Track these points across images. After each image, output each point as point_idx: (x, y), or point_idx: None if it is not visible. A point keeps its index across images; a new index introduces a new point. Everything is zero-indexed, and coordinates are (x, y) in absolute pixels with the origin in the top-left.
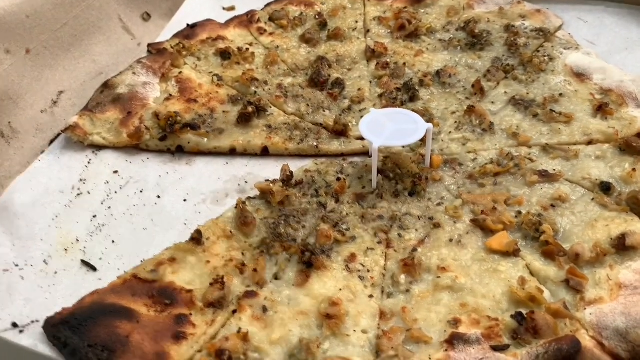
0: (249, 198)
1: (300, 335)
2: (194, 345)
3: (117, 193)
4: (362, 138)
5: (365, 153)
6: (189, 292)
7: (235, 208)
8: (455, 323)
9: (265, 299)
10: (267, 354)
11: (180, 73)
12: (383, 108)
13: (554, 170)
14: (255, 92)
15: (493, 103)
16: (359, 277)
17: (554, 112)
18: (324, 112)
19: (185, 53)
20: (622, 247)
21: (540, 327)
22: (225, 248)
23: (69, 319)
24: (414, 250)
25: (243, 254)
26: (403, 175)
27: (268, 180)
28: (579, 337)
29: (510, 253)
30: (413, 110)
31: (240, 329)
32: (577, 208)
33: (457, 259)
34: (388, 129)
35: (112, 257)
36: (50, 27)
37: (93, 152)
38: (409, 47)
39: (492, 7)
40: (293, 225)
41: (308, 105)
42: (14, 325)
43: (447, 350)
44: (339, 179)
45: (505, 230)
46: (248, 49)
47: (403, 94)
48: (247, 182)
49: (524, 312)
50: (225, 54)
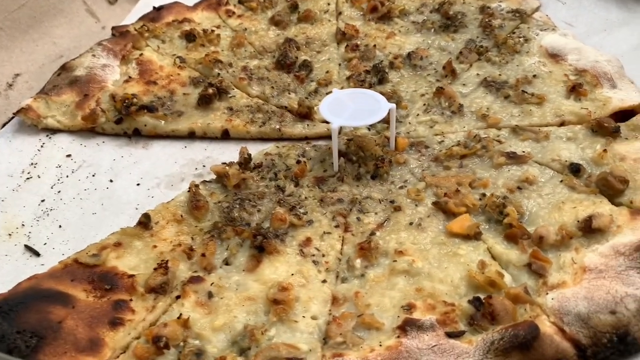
0: (204, 182)
1: (246, 322)
2: (131, 332)
3: (68, 177)
4: (327, 121)
5: (330, 136)
6: (131, 277)
7: (188, 191)
8: (410, 308)
9: (212, 285)
10: (208, 341)
11: (141, 55)
12: None
13: (523, 152)
14: (219, 74)
15: (464, 85)
16: (313, 261)
17: (526, 93)
18: (290, 94)
19: (148, 35)
20: (588, 229)
21: (498, 312)
22: (175, 232)
23: (1, 305)
24: (372, 234)
25: (193, 239)
26: (366, 158)
27: (224, 163)
28: (539, 322)
29: (472, 236)
30: (381, 93)
31: (181, 315)
32: (544, 190)
33: (416, 243)
34: (349, 109)
35: (57, 242)
36: (7, 7)
37: (47, 135)
38: (381, 29)
39: None
40: (248, 209)
41: (273, 88)
42: None
43: (399, 337)
44: (299, 162)
45: (468, 213)
46: (213, 31)
47: (372, 77)
48: (205, 166)
49: (483, 297)
50: (190, 36)
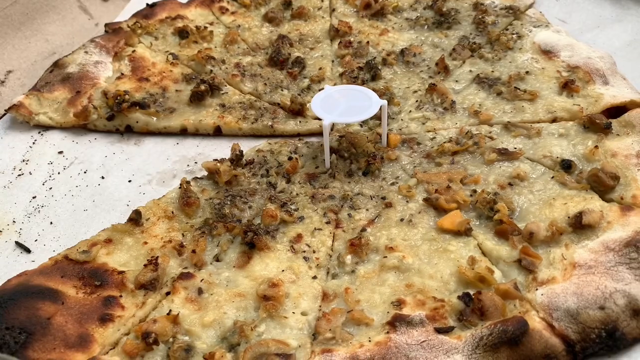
0: (196, 178)
1: (236, 318)
2: (121, 328)
3: (59, 174)
4: (319, 118)
5: (322, 133)
6: (121, 273)
7: (179, 188)
8: (399, 304)
9: (202, 281)
10: (198, 337)
11: (134, 52)
12: None
13: (515, 149)
14: (212, 70)
15: (457, 81)
16: (304, 257)
17: (519, 89)
18: (282, 91)
19: (141, 32)
20: (579, 225)
21: (487, 308)
22: (165, 229)
23: None
24: (363, 230)
25: (183, 235)
26: (358, 155)
27: (216, 160)
28: (528, 318)
29: (462, 232)
30: (374, 90)
31: (171, 311)
32: (535, 186)
33: (406, 239)
34: (341, 106)
35: (48, 239)
36: None
37: (39, 132)
38: (375, 25)
39: None
40: (239, 206)
41: (266, 85)
42: None
43: (388, 332)
44: (291, 159)
45: (459, 210)
46: (206, 28)
47: (365, 73)
48: (196, 162)
49: (472, 293)
50: (183, 33)
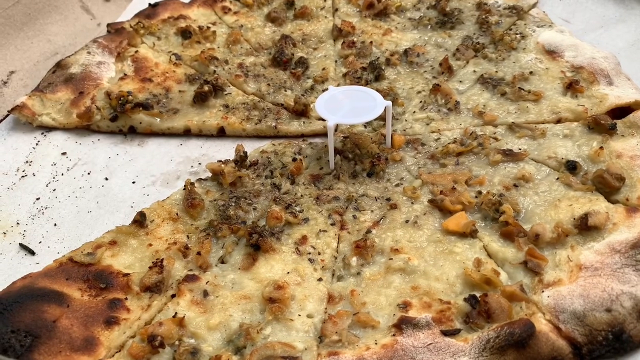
0: (200, 179)
1: (242, 320)
2: (127, 331)
3: (63, 175)
4: (323, 119)
5: (326, 134)
6: (126, 275)
7: (184, 189)
8: (405, 306)
9: (207, 283)
10: (204, 340)
11: (137, 52)
12: None
13: (519, 149)
14: (215, 71)
15: (461, 82)
16: (309, 259)
17: (523, 90)
18: (286, 91)
19: (144, 32)
20: (584, 227)
21: (494, 310)
22: (170, 231)
23: None
24: (368, 232)
25: (188, 237)
26: (362, 156)
27: (220, 161)
28: (535, 320)
29: (468, 234)
30: (377, 90)
31: (176, 314)
32: (540, 188)
33: (411, 241)
34: (345, 107)
35: (52, 240)
36: (1, 4)
37: (42, 133)
38: (378, 25)
39: None
40: (244, 207)
41: (269, 85)
42: None
43: (394, 335)
44: (295, 160)
45: (464, 211)
46: (209, 28)
47: (368, 73)
48: (200, 163)
49: (478, 295)
50: (186, 33)
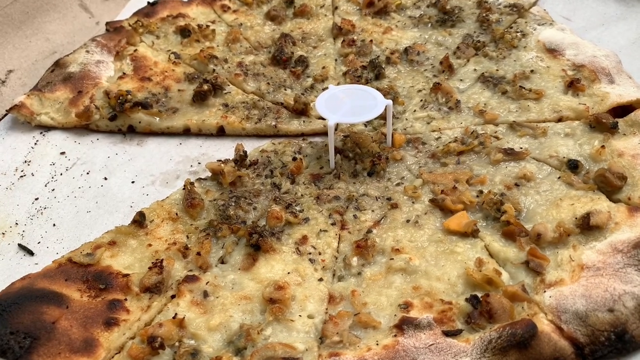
0: (199, 179)
1: (242, 321)
2: (126, 332)
3: (62, 175)
4: (323, 117)
5: (326, 133)
6: (126, 276)
7: (183, 189)
8: (407, 307)
9: (207, 284)
10: (204, 341)
11: (136, 51)
12: None
13: (521, 148)
14: (214, 70)
15: (462, 80)
16: (310, 259)
17: (524, 88)
18: (286, 90)
19: (142, 30)
20: (586, 226)
21: (495, 310)
22: (170, 231)
23: None
24: (369, 232)
25: (188, 237)
26: (363, 155)
27: (220, 161)
28: (537, 321)
29: (469, 234)
30: (378, 89)
31: (176, 315)
32: (542, 187)
33: (412, 240)
34: (346, 106)
35: (51, 241)
36: None
37: (41, 132)
38: (378, 24)
39: None
40: (244, 207)
41: (269, 84)
42: None
43: (396, 336)
44: (295, 159)
45: (465, 210)
46: (208, 27)
47: (368, 72)
48: (200, 163)
49: (480, 295)
50: (185, 32)
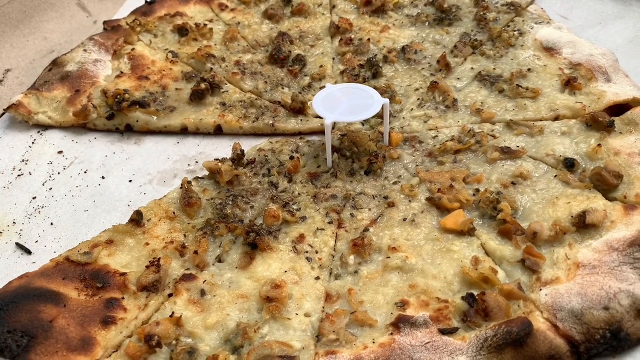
0: (197, 178)
1: (239, 320)
2: (124, 330)
3: (59, 174)
4: (320, 116)
5: (324, 131)
6: (123, 275)
7: (181, 188)
8: (403, 305)
9: (204, 282)
10: (201, 339)
11: (133, 50)
12: None
13: (517, 147)
14: (212, 68)
15: (459, 79)
16: (306, 258)
17: (521, 87)
18: (283, 89)
19: (140, 29)
20: (582, 224)
21: (491, 308)
22: (167, 230)
23: None
24: (366, 230)
25: (185, 236)
26: (360, 154)
27: (217, 159)
28: (532, 319)
29: (465, 232)
30: (375, 87)
31: (173, 313)
32: (538, 185)
33: (409, 239)
34: (343, 105)
35: (49, 239)
36: None
37: (38, 131)
38: (375, 22)
39: None
40: (241, 206)
41: (266, 83)
42: None
43: (392, 334)
44: (293, 158)
45: (462, 209)
46: (206, 25)
47: (366, 71)
48: (197, 162)
49: (476, 293)
50: (183, 30)
